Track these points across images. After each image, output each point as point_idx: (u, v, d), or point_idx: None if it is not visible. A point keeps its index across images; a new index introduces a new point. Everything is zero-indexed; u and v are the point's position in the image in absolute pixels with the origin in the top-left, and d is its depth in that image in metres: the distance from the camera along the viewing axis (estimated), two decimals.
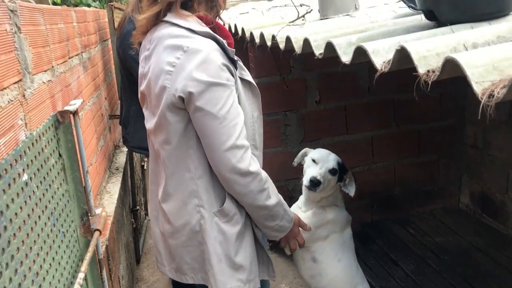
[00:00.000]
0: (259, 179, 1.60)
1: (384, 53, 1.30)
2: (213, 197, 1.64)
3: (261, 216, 1.67)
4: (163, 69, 1.56)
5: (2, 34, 1.37)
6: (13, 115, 1.38)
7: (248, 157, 1.56)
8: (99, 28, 3.60)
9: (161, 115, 1.59)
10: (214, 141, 1.54)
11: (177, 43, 1.56)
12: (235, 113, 1.55)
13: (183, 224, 1.67)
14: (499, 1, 1.38)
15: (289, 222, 1.77)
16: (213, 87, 1.51)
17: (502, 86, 0.82)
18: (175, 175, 1.65)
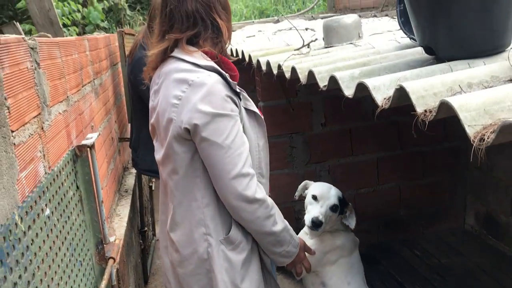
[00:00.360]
0: (265, 206, 1.66)
1: (384, 90, 1.37)
2: (219, 225, 1.70)
3: (268, 242, 1.72)
4: (169, 102, 1.65)
5: (23, 72, 1.45)
6: (33, 148, 1.46)
7: (254, 185, 1.63)
8: (110, 53, 3.70)
9: (168, 146, 1.67)
10: (220, 170, 1.60)
11: (182, 77, 1.64)
12: (240, 142, 1.62)
13: (191, 252, 1.72)
14: (494, 39, 1.45)
15: (295, 247, 1.82)
16: (217, 118, 1.58)
17: (492, 131, 0.89)
18: (182, 204, 1.71)
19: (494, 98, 1.00)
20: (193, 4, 1.66)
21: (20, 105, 1.38)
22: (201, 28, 1.67)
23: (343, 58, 2.06)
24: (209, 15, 1.68)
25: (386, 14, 4.37)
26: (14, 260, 0.89)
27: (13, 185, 1.24)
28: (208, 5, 1.68)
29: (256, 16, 10.14)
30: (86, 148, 1.46)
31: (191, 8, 1.65)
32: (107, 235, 1.53)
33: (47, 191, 1.11)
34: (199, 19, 1.67)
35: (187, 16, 1.66)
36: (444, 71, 1.40)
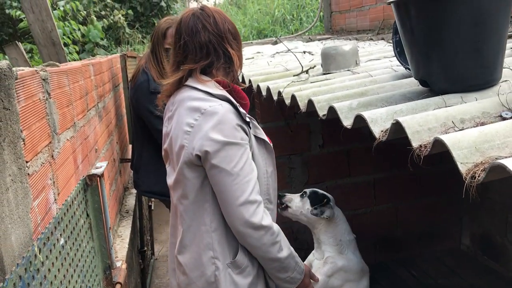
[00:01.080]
0: (271, 233, 1.71)
1: (381, 122, 1.44)
2: (226, 249, 1.75)
3: (273, 268, 1.77)
4: (182, 129, 1.72)
5: (36, 104, 1.52)
6: (44, 176, 1.52)
7: (261, 212, 1.69)
8: (112, 75, 3.78)
9: (180, 171, 1.73)
10: (228, 196, 1.66)
11: (195, 105, 1.72)
12: (249, 169, 1.69)
13: (199, 275, 1.76)
14: (485, 75, 1.53)
15: (300, 273, 1.85)
16: (227, 146, 1.65)
17: (482, 169, 0.95)
18: (191, 228, 1.76)
19: (485, 137, 1.07)
20: (206, 36, 1.74)
21: (33, 135, 1.44)
22: (213, 58, 1.75)
23: (341, 87, 2.14)
24: (221, 45, 1.76)
25: (382, 38, 4.48)
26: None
27: (27, 214, 1.29)
28: (220, 36, 1.77)
29: (254, 36, 10.28)
30: (96, 178, 1.51)
31: (204, 39, 1.74)
32: (114, 261, 1.58)
33: (62, 221, 1.17)
34: (212, 50, 1.75)
35: (200, 47, 1.74)
36: (438, 104, 1.48)
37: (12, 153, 1.22)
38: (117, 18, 11.32)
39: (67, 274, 1.16)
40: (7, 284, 0.81)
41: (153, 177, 3.11)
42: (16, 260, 1.14)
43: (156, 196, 3.23)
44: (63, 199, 1.67)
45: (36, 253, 0.97)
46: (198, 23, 1.76)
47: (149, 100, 2.92)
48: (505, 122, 1.16)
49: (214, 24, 1.76)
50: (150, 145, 3.09)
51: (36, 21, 4.98)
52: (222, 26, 1.78)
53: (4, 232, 1.10)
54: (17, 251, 1.18)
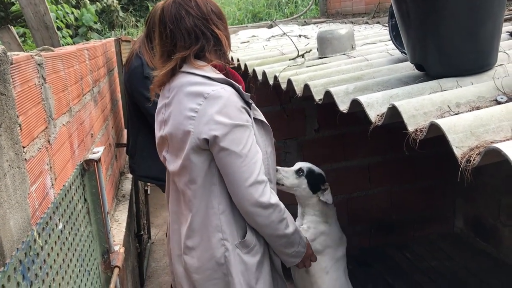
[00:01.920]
0: (279, 210, 1.75)
1: (378, 107, 1.45)
2: (235, 230, 1.78)
3: (281, 244, 1.82)
4: (185, 115, 1.72)
5: (32, 89, 1.51)
6: (41, 161, 1.51)
7: (268, 191, 1.72)
8: (107, 60, 3.75)
9: (186, 157, 1.73)
10: (237, 178, 1.68)
11: (197, 90, 1.71)
12: (255, 151, 1.71)
13: (209, 258, 1.78)
14: (480, 59, 1.54)
15: (303, 247, 1.92)
16: (235, 128, 1.66)
17: (478, 153, 0.96)
18: (200, 212, 1.78)
19: (480, 121, 1.08)
20: (191, 20, 1.72)
21: (29, 121, 1.43)
22: (203, 41, 1.74)
23: (337, 71, 2.14)
24: (207, 27, 1.75)
25: (377, 21, 4.46)
26: (34, 274, 0.95)
27: (25, 199, 1.30)
28: (205, 18, 1.75)
29: (249, 19, 10.20)
30: (93, 162, 1.52)
31: (190, 24, 1.72)
32: (112, 245, 1.60)
33: (60, 206, 1.17)
34: (200, 34, 1.73)
35: (188, 33, 1.72)
36: (434, 88, 1.48)
37: (9, 138, 1.22)
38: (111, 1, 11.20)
39: (66, 258, 1.17)
40: (8, 269, 0.82)
41: (149, 162, 3.11)
42: (15, 244, 1.15)
43: (151, 180, 3.23)
44: (60, 184, 1.67)
45: (36, 237, 0.98)
46: (181, 10, 1.75)
47: (143, 85, 2.90)
48: (500, 106, 1.17)
49: (196, 8, 1.75)
50: (145, 130, 3.09)
51: (28, 4, 4.93)
52: (205, 8, 1.76)
53: (2, 217, 1.11)
54: (16, 236, 1.19)
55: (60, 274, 1.12)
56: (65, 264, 1.17)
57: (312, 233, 2.43)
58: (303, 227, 2.46)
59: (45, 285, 1.01)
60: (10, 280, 0.82)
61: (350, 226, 3.70)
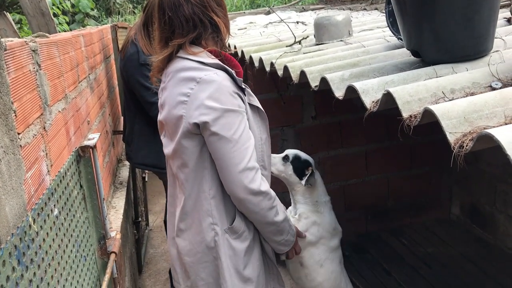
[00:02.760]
0: (269, 198, 1.75)
1: (373, 93, 1.45)
2: (224, 215, 1.79)
3: (270, 231, 1.83)
4: (178, 100, 1.72)
5: (26, 75, 1.51)
6: (37, 148, 1.52)
7: (259, 178, 1.72)
8: (103, 46, 3.73)
9: (178, 141, 1.74)
10: (228, 163, 1.68)
11: (190, 75, 1.71)
12: (247, 137, 1.71)
13: (199, 241, 1.81)
14: (476, 45, 1.53)
15: (293, 236, 1.94)
16: (226, 113, 1.66)
17: (470, 138, 0.97)
18: (191, 196, 1.79)
19: (474, 107, 1.08)
20: (190, 8, 1.71)
21: (24, 107, 1.43)
22: (201, 29, 1.74)
23: (333, 58, 2.13)
24: (206, 15, 1.74)
25: (375, 8, 4.44)
26: (29, 259, 0.96)
27: (21, 186, 1.30)
28: (204, 6, 1.74)
29: (247, 5, 10.14)
30: (89, 149, 1.52)
31: (188, 12, 1.71)
32: (108, 231, 1.60)
33: (55, 192, 1.18)
34: (198, 21, 1.73)
35: (186, 21, 1.71)
36: (430, 75, 1.48)
37: (4, 124, 1.22)
38: None
39: (61, 244, 1.18)
40: (3, 253, 0.82)
41: (145, 149, 3.11)
42: (11, 230, 1.15)
43: (148, 168, 3.24)
44: (56, 171, 1.67)
45: (31, 223, 0.98)
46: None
47: (139, 72, 2.89)
48: (494, 92, 1.17)
49: None
50: (141, 117, 3.08)
51: None
52: None
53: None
54: (12, 221, 1.19)
55: (56, 260, 1.13)
56: (61, 249, 1.17)
57: (304, 224, 2.40)
58: (295, 217, 2.45)
59: (40, 270, 1.02)
60: (5, 265, 0.82)
61: (347, 212, 3.72)
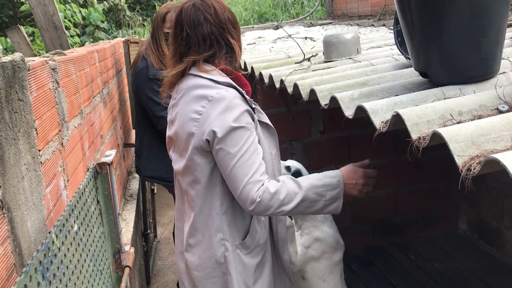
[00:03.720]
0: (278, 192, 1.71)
1: (382, 113, 1.49)
2: (235, 230, 1.83)
3: (305, 208, 1.77)
4: (189, 117, 1.77)
5: (46, 93, 1.56)
6: (55, 164, 1.57)
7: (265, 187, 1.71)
8: (115, 61, 3.81)
9: (190, 158, 1.78)
10: (234, 179, 1.72)
11: (202, 93, 1.77)
12: (254, 152, 1.74)
13: (209, 256, 1.84)
14: (483, 67, 1.57)
15: (334, 189, 1.80)
16: (235, 130, 1.71)
17: (478, 162, 1.00)
18: (202, 212, 1.83)
19: (481, 130, 1.12)
20: (208, 28, 1.77)
21: (44, 125, 1.49)
22: (216, 49, 1.79)
23: (343, 76, 2.18)
24: (223, 36, 1.80)
25: (383, 24, 4.49)
26: (52, 273, 1.00)
27: (41, 201, 1.35)
28: (222, 27, 1.80)
29: (255, 19, 10.24)
30: (106, 166, 1.57)
31: (207, 31, 1.77)
32: (122, 245, 1.64)
33: (75, 208, 1.22)
34: (214, 41, 1.79)
35: (203, 39, 1.77)
36: (438, 96, 1.52)
37: (27, 142, 1.27)
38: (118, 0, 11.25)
39: (80, 259, 1.22)
40: (30, 269, 0.86)
41: (154, 162, 3.17)
42: (32, 245, 1.20)
43: (156, 181, 3.29)
44: (73, 186, 1.72)
45: (54, 239, 1.03)
46: (200, 15, 1.79)
47: (148, 86, 2.97)
48: (500, 116, 1.20)
49: (215, 15, 1.79)
50: (151, 131, 3.15)
51: (38, 5, 4.99)
52: (223, 16, 1.81)
53: (21, 219, 1.16)
54: (33, 236, 1.24)
55: (75, 274, 1.17)
56: (80, 264, 1.22)
57: (306, 239, 2.38)
58: (298, 232, 2.43)
59: (62, 284, 1.06)
60: (31, 280, 0.86)
61: (354, 226, 3.74)
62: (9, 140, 1.13)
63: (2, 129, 1.08)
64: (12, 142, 1.15)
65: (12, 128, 1.16)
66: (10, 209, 1.09)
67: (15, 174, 1.14)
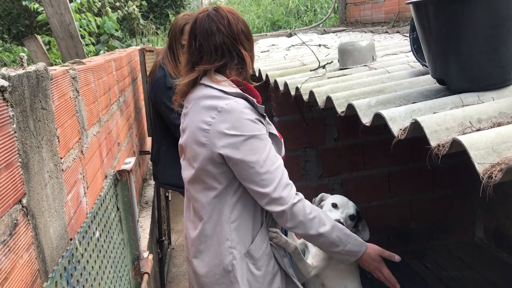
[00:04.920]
0: (313, 213, 1.77)
1: (400, 121, 1.49)
2: (245, 239, 1.84)
3: (322, 244, 1.84)
4: (199, 127, 1.79)
5: (67, 102, 1.59)
6: (75, 171, 1.59)
7: (293, 193, 1.76)
8: (131, 69, 3.85)
9: (201, 167, 1.80)
10: (261, 185, 1.73)
11: (212, 104, 1.78)
12: (274, 157, 1.76)
13: (217, 264, 1.85)
14: (501, 75, 1.56)
15: (357, 246, 1.89)
16: (249, 139, 1.72)
17: (499, 169, 1.00)
18: (212, 219, 1.84)
19: (502, 138, 1.11)
20: (221, 38, 1.80)
21: (66, 133, 1.51)
22: (228, 59, 1.81)
23: (358, 84, 2.18)
24: (235, 47, 1.82)
25: (397, 31, 4.48)
26: (76, 280, 1.02)
27: (62, 208, 1.37)
28: (234, 38, 1.82)
29: (268, 27, 10.28)
30: (126, 173, 1.59)
31: (219, 41, 1.79)
32: (141, 252, 1.66)
33: (97, 215, 1.24)
34: (226, 52, 1.81)
35: (215, 49, 1.80)
36: (456, 103, 1.52)
37: (49, 150, 1.30)
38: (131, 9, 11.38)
39: (102, 265, 1.24)
40: (55, 275, 0.88)
41: (172, 169, 3.19)
42: (54, 251, 1.22)
43: (174, 188, 3.31)
44: (92, 193, 1.75)
45: (77, 246, 1.04)
46: (213, 25, 1.82)
47: (166, 95, 2.99)
48: None
49: (228, 26, 1.82)
50: (168, 139, 3.18)
51: (54, 14, 5.07)
52: (236, 28, 1.83)
53: (44, 225, 1.18)
54: (55, 243, 1.26)
55: (97, 280, 1.18)
56: (101, 270, 1.23)
57: None
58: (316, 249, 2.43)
59: None
60: (57, 286, 0.88)
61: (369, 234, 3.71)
62: (33, 148, 1.15)
63: (27, 137, 1.11)
64: (36, 150, 1.17)
65: (36, 136, 1.19)
66: (35, 216, 1.11)
67: (39, 181, 1.16)
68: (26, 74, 1.14)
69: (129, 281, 1.59)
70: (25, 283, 0.99)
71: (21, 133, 1.07)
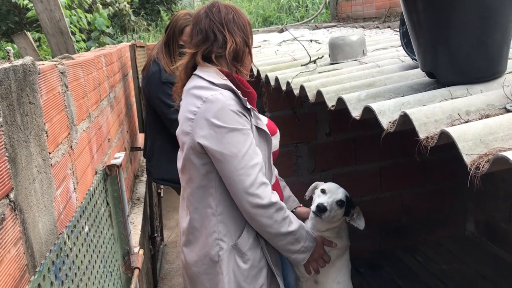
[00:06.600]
0: (280, 208, 1.81)
1: (389, 114, 1.49)
2: (232, 231, 1.85)
3: (287, 242, 1.87)
4: (186, 117, 1.83)
5: (56, 97, 1.58)
6: (65, 166, 1.58)
7: (269, 191, 1.78)
8: (122, 65, 3.83)
9: (186, 157, 1.83)
10: (236, 181, 1.74)
11: (198, 93, 1.82)
12: (253, 153, 1.77)
13: (204, 254, 1.87)
14: (490, 67, 1.57)
15: (312, 242, 1.96)
16: (230, 132, 1.73)
17: (486, 160, 1.01)
18: (198, 211, 1.87)
19: (489, 129, 1.12)
20: (207, 22, 1.84)
21: (54, 128, 1.50)
22: (213, 44, 1.82)
23: (349, 78, 2.18)
24: (221, 32, 1.83)
25: (388, 26, 4.49)
26: (64, 274, 1.01)
27: (51, 203, 1.36)
28: (221, 23, 1.84)
29: (260, 23, 10.27)
30: (115, 168, 1.58)
31: (204, 25, 1.83)
32: (132, 247, 1.66)
33: (86, 210, 1.23)
34: (211, 35, 1.82)
35: (200, 32, 1.84)
36: (445, 96, 1.52)
37: (37, 145, 1.29)
38: (122, 5, 11.32)
39: (91, 259, 1.23)
40: (43, 268, 0.87)
41: (166, 165, 3.17)
42: (43, 246, 1.21)
43: (168, 183, 3.30)
44: (82, 188, 1.74)
45: (66, 240, 1.04)
46: (203, 13, 1.88)
47: (161, 90, 2.97)
48: (508, 115, 1.21)
49: (216, 12, 1.86)
50: (163, 134, 3.16)
51: (44, 10, 5.02)
52: (226, 16, 1.86)
53: (32, 220, 1.17)
54: (44, 238, 1.25)
55: (87, 275, 1.18)
56: (91, 265, 1.23)
57: None
58: None
59: (73, 285, 1.07)
60: (45, 280, 0.87)
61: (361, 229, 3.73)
62: (21, 143, 1.14)
63: (15, 131, 1.10)
64: (23, 144, 1.16)
65: (24, 130, 1.18)
66: (22, 211, 1.11)
67: (27, 176, 1.16)
68: (12, 67, 1.13)
69: (120, 276, 1.59)
70: (13, 278, 0.98)
71: (8, 127, 1.06)
